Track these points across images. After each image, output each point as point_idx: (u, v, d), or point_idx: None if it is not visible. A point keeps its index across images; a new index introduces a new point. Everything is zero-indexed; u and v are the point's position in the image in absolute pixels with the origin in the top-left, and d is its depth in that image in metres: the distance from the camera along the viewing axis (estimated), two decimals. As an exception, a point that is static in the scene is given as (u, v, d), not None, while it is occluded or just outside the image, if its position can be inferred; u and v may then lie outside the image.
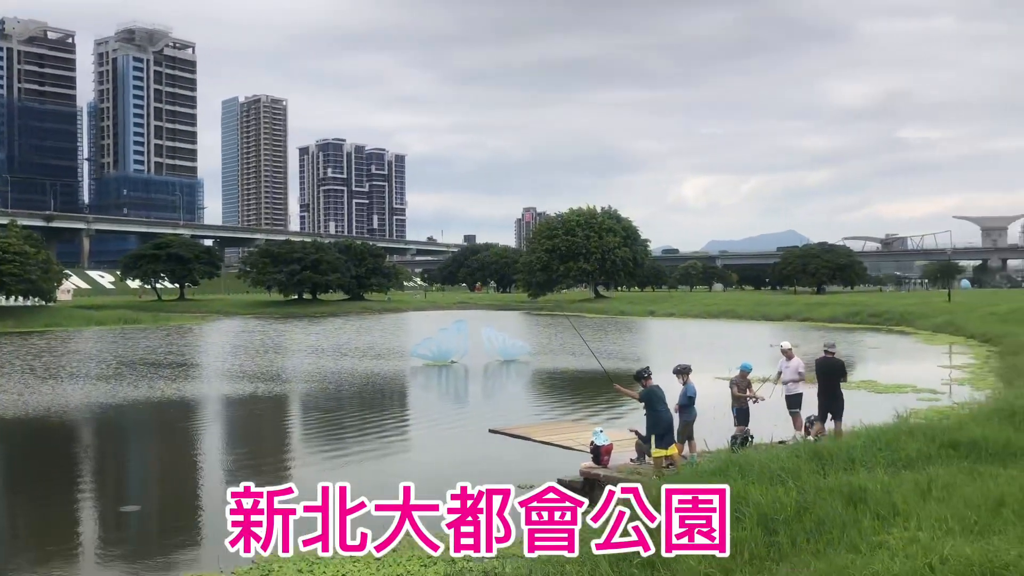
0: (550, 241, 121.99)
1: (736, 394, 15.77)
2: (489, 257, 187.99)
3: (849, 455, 11.49)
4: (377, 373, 33.02)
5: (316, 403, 25.16)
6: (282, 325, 73.83)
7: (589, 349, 21.68)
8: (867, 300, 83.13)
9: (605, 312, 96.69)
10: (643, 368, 14.12)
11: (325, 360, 38.58)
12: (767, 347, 43.81)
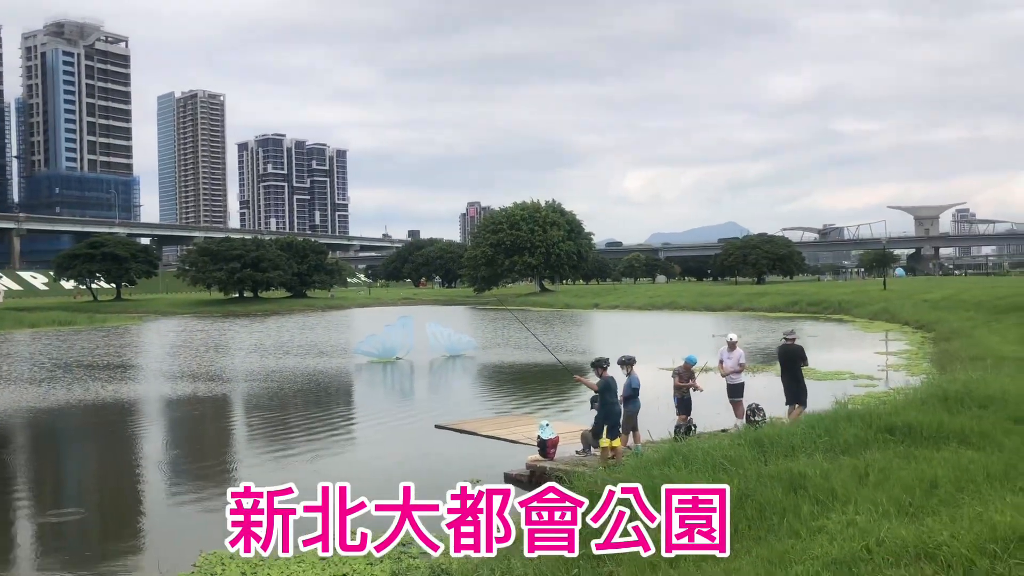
0: (495, 235, 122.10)
1: (678, 384, 15.98)
2: (434, 252, 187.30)
3: (789, 442, 11.71)
4: (321, 371, 32.66)
5: (259, 402, 24.77)
6: (223, 324, 72.50)
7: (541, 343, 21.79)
8: (806, 289, 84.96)
9: (551, 306, 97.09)
10: (602, 357, 14.22)
11: (267, 359, 38.04)
12: (709, 337, 44.51)
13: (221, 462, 16.60)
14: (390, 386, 31.12)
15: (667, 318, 69.42)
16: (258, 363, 36.26)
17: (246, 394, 26.69)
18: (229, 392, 27.27)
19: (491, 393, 26.70)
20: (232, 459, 16.92)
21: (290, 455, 16.80)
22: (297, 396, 26.44)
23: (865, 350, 36.67)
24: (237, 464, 16.34)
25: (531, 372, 31.63)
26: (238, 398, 26.32)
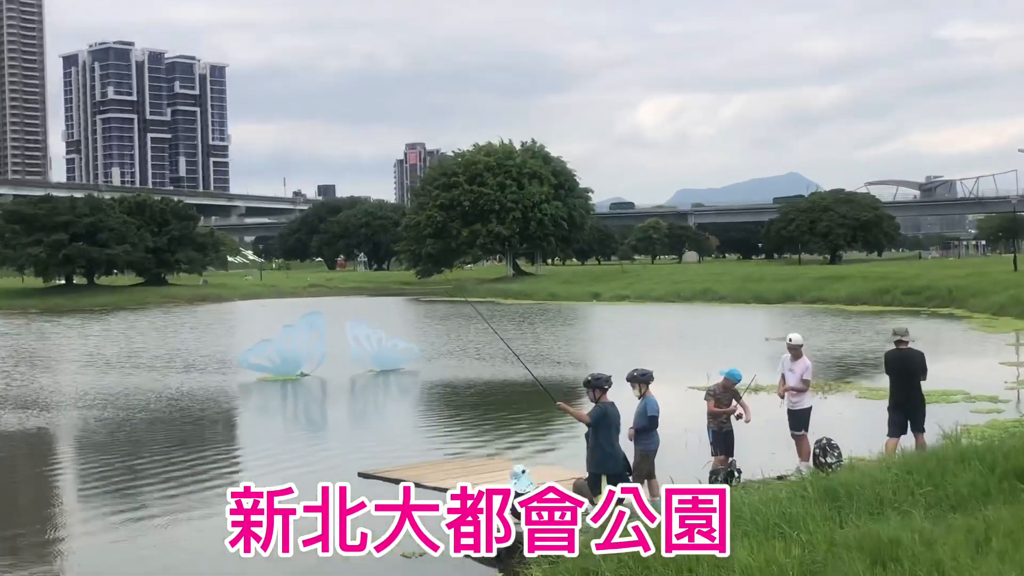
0: (447, 193, 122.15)
1: (714, 410, 16.06)
2: (356, 218, 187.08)
3: (876, 493, 11.79)
4: (189, 393, 32.48)
5: (97, 440, 24.53)
6: (42, 324, 71.79)
7: (506, 344, 21.70)
8: (901, 271, 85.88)
9: (530, 296, 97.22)
10: (600, 375, 14.22)
11: (109, 375, 37.70)
12: (761, 341, 44.82)
13: (43, 529, 16.47)
14: (292, 415, 30.88)
15: (699, 314, 69.77)
16: (95, 382, 35.84)
17: (77, 428, 26.40)
18: (51, 425, 26.97)
19: (441, 425, 26.63)
20: (50, 526, 16.78)
21: (143, 520, 16.68)
22: (153, 430, 26.12)
23: (986, 359, 37.09)
24: (56, 534, 16.20)
25: (501, 394, 31.63)
26: (65, 434, 25.98)
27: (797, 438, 16.94)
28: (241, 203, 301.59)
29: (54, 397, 32.39)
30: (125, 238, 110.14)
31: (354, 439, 24.79)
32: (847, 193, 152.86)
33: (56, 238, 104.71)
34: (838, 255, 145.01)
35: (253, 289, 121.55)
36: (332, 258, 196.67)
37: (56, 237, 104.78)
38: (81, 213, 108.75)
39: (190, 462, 21.60)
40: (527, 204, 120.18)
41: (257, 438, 25.49)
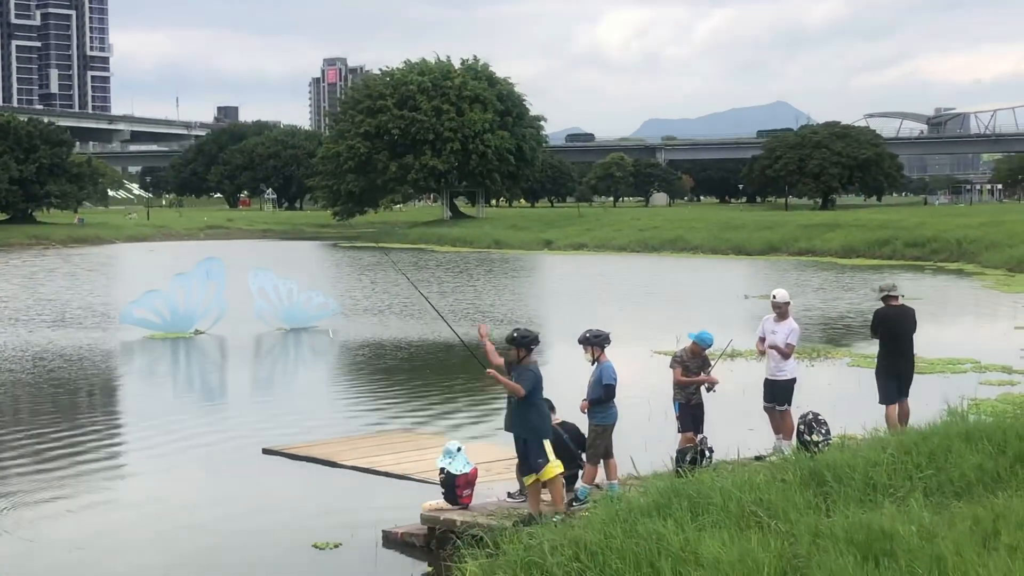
0: (372, 119, 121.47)
1: (680, 379, 16.11)
2: (263, 147, 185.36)
3: (868, 477, 11.91)
4: (61, 352, 32.17)
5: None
6: None
7: (425, 298, 21.37)
8: (903, 219, 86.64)
9: (470, 243, 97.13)
10: (529, 331, 14.16)
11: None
12: (740, 299, 45.11)
13: None
14: (184, 380, 30.71)
15: (669, 266, 70.04)
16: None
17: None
18: None
19: (360, 394, 26.63)
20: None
21: (3, 507, 16.55)
22: (16, 397, 25.87)
23: (999, 322, 37.61)
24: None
25: (431, 357, 31.68)
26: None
27: (779, 412, 17.02)
28: (124, 126, 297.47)
29: None
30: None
31: (258, 410, 24.66)
32: (843, 127, 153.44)
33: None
34: (831, 199, 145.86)
35: (139, 230, 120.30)
36: (234, 195, 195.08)
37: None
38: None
39: (61, 437, 21.40)
40: (467, 133, 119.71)
41: (142, 408, 25.31)
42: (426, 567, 13.36)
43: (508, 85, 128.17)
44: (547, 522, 12.66)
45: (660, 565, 9.62)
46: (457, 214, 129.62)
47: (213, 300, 36.63)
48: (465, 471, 14.66)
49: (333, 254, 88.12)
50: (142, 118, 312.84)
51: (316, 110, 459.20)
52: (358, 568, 13.15)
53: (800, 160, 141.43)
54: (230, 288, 37.48)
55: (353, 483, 17.38)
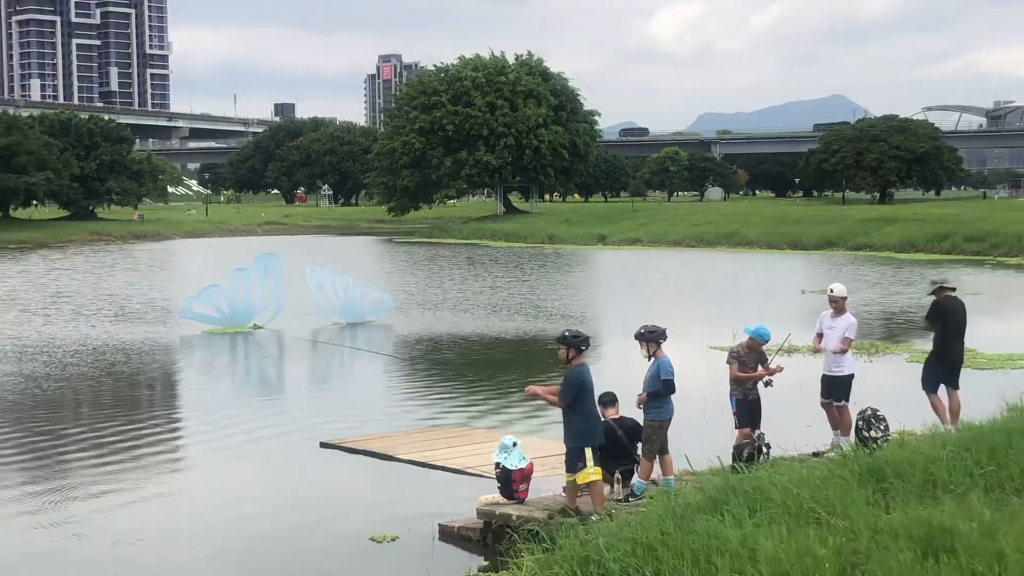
0: (427, 115, 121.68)
1: (736, 374, 16.00)
2: (319, 143, 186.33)
3: (928, 473, 11.82)
4: (122, 347, 32.49)
5: (14, 402, 24.55)
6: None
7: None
8: (962, 214, 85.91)
9: (523, 238, 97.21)
10: (579, 332, 14.12)
11: (26, 326, 37.74)
12: (797, 294, 44.90)
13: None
14: (243, 375, 30.92)
15: (724, 261, 69.76)
16: (11, 332, 35.87)
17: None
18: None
19: (416, 388, 26.70)
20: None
21: (64, 499, 16.70)
22: (79, 391, 26.10)
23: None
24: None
25: (487, 351, 31.74)
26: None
27: (837, 408, 16.91)
28: (184, 123, 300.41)
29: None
30: (46, 163, 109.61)
31: (315, 404, 24.74)
32: (901, 120, 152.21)
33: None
34: (889, 193, 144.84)
35: (198, 226, 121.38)
36: (291, 191, 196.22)
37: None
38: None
39: (122, 431, 21.60)
40: (521, 129, 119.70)
41: (202, 402, 25.49)
42: (482, 561, 13.37)
43: (562, 80, 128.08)
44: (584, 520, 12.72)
45: (717, 562, 9.57)
46: (511, 209, 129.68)
47: (271, 295, 36.85)
48: (521, 466, 14.67)
49: (388, 249, 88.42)
50: (201, 115, 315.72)
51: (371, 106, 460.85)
52: (414, 561, 13.17)
53: (857, 154, 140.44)
54: (287, 283, 37.71)
55: (409, 477, 17.44)
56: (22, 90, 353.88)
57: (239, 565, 13.66)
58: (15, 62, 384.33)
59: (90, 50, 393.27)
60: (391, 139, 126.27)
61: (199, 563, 13.82)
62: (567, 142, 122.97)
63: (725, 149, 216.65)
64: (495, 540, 13.72)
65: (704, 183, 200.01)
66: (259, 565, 13.69)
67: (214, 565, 13.73)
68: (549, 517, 13.21)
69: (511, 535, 12.94)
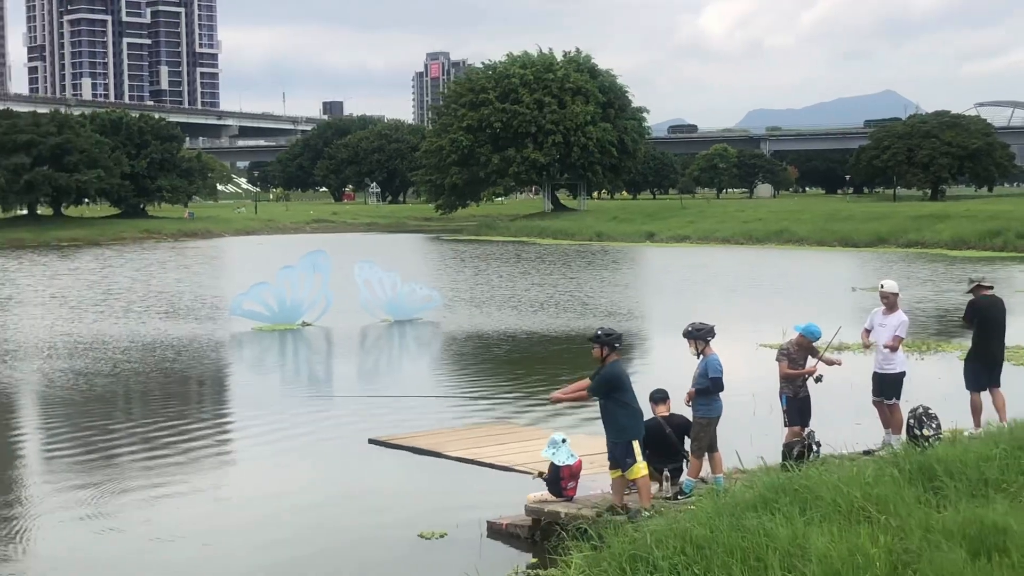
0: (475, 112, 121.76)
1: (786, 372, 15.90)
2: (367, 141, 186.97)
3: (980, 472, 11.73)
4: (172, 344, 32.73)
5: (64, 397, 24.78)
6: (2, 261, 72.33)
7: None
8: (1015, 210, 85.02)
9: (571, 235, 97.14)
10: (613, 330, 14.08)
11: (78, 323, 38.08)
12: (847, 292, 44.62)
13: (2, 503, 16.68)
14: (291, 371, 31.06)
15: (774, 258, 69.44)
16: (62, 328, 36.21)
17: (43, 382, 26.69)
18: (10, 378, 27.28)
19: (464, 386, 26.73)
20: (20, 498, 16.98)
21: (118, 493, 16.84)
22: (129, 388, 26.32)
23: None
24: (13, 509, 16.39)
25: (535, 349, 31.72)
26: (28, 390, 26.26)
27: (888, 406, 16.81)
28: (233, 122, 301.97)
29: (13, 345, 32.69)
30: (98, 162, 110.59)
31: (364, 400, 24.83)
32: (952, 116, 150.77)
33: (16, 161, 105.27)
34: (940, 190, 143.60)
35: (247, 223, 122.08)
36: (339, 188, 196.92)
37: (16, 160, 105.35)
38: (46, 132, 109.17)
39: (172, 426, 21.76)
40: (569, 126, 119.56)
41: (251, 398, 25.63)
42: (530, 558, 13.36)
43: (610, 77, 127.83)
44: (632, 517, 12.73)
45: (767, 559, 9.55)
46: (558, 207, 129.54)
47: (319, 292, 37.00)
48: (569, 463, 14.66)
49: (436, 247, 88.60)
50: (250, 113, 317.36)
51: (419, 104, 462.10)
52: (463, 558, 13.18)
53: (909, 150, 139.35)
54: (335, 280, 37.85)
55: (457, 474, 17.46)
56: (74, 89, 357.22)
57: (288, 559, 13.72)
58: (67, 61, 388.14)
59: (140, 49, 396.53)
60: (439, 137, 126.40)
61: (248, 555, 13.91)
62: (615, 139, 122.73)
63: (775, 146, 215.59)
64: (543, 537, 13.73)
65: (753, 180, 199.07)
66: (307, 559, 13.75)
67: (263, 557, 13.80)
68: (597, 515, 13.23)
69: (559, 532, 12.95)
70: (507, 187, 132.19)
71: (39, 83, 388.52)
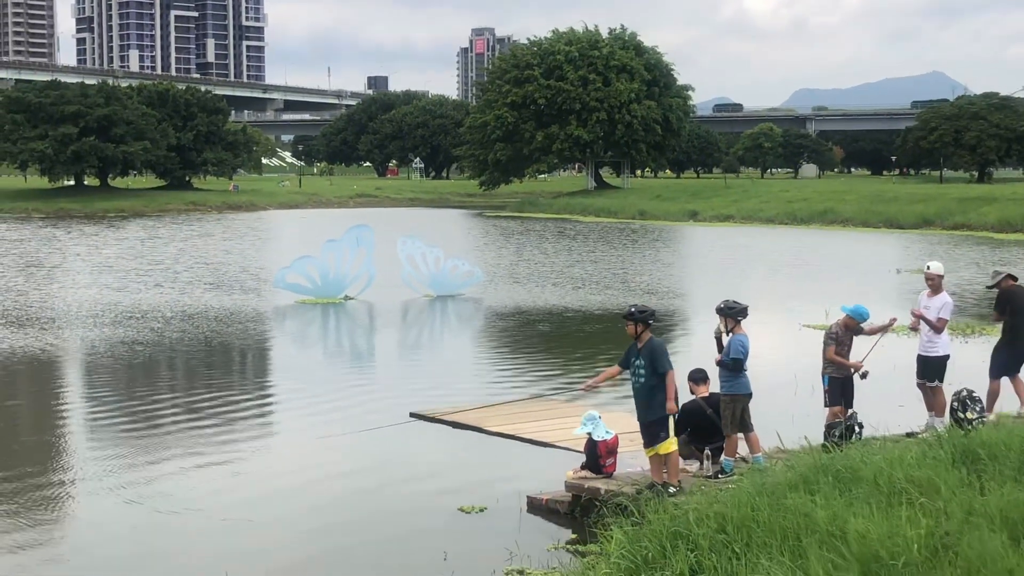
0: (519, 89, 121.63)
1: (833, 357, 15.79)
2: (412, 116, 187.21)
3: (1023, 454, 11.66)
4: (216, 316, 32.94)
5: (108, 367, 24.99)
6: (50, 231, 72.96)
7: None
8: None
9: (613, 213, 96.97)
10: (646, 307, 14.08)
11: (122, 293, 38.34)
12: (892, 273, 44.35)
13: (29, 474, 16.80)
14: (334, 345, 31.22)
15: (819, 239, 69.10)
16: (108, 299, 36.49)
17: (88, 352, 26.92)
18: (57, 348, 27.52)
19: (505, 362, 26.79)
20: (67, 468, 17.13)
21: (161, 464, 16.97)
22: (172, 358, 26.54)
23: None
24: (65, 477, 16.53)
25: (577, 326, 31.75)
26: (72, 359, 26.51)
27: (931, 389, 16.74)
28: (278, 95, 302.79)
29: (59, 314, 33.00)
30: (144, 133, 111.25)
31: (405, 375, 24.98)
32: (1001, 98, 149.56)
33: (64, 131, 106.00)
34: (988, 172, 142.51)
35: (291, 197, 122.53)
36: (383, 163, 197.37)
37: (64, 130, 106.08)
38: (93, 103, 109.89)
39: (215, 398, 21.91)
40: (614, 103, 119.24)
41: (293, 370, 25.78)
42: (570, 534, 13.41)
43: (656, 54, 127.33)
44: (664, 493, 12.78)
45: (807, 540, 9.54)
46: (602, 184, 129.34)
47: (362, 266, 37.10)
48: (606, 438, 14.69)
49: (479, 223, 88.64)
50: (295, 87, 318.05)
51: (464, 80, 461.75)
52: (503, 533, 13.24)
53: (956, 132, 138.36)
54: (378, 255, 37.95)
55: (498, 449, 17.53)
56: (121, 61, 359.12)
57: (326, 528, 13.82)
58: (115, 33, 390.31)
59: (187, 22, 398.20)
60: (483, 113, 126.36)
61: (287, 525, 14.00)
62: (660, 117, 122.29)
63: (820, 126, 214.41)
64: (583, 514, 13.77)
65: (798, 160, 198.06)
66: (346, 529, 13.85)
67: (302, 527, 13.89)
68: (637, 492, 13.26)
69: (599, 509, 12.98)
70: (551, 164, 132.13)
71: (87, 55, 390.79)
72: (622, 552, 10.45)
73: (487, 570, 11.93)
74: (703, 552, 9.78)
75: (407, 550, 13.11)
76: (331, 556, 12.92)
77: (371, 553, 13.09)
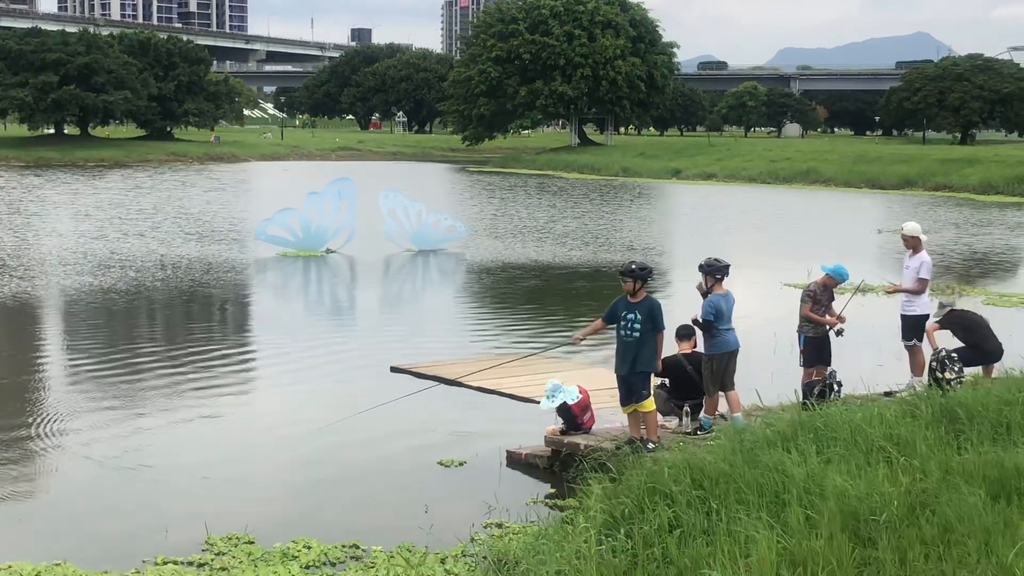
0: (504, 43, 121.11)
1: (807, 314, 15.77)
2: (395, 70, 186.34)
3: (1002, 416, 11.71)
4: (196, 267, 32.87)
5: (85, 317, 24.96)
6: (30, 179, 72.57)
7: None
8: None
9: (597, 170, 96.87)
10: (644, 263, 14.04)
11: (100, 241, 38.24)
12: (873, 233, 44.43)
13: (17, 425, 16.79)
14: (315, 298, 31.17)
15: (801, 198, 69.18)
16: (85, 249, 36.39)
17: (65, 301, 26.88)
18: (34, 296, 27.46)
19: (486, 317, 26.84)
20: (37, 421, 17.10)
21: (137, 417, 16.96)
22: (151, 308, 26.54)
23: None
24: (39, 430, 16.50)
25: (558, 281, 31.76)
26: (49, 308, 26.47)
27: (909, 349, 16.77)
28: (261, 47, 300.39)
29: (36, 262, 32.89)
30: (125, 83, 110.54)
31: (386, 329, 24.94)
32: (985, 59, 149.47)
33: (44, 79, 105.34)
34: (971, 134, 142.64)
35: (273, 149, 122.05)
36: (365, 117, 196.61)
37: (44, 78, 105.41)
38: (74, 51, 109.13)
39: (193, 350, 21.85)
40: (598, 60, 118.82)
41: (274, 323, 25.75)
42: (549, 488, 13.44)
43: (641, 11, 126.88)
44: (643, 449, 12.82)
45: (785, 496, 9.57)
46: (585, 141, 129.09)
47: (344, 220, 37.04)
48: (575, 400, 14.58)
49: (462, 178, 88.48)
50: (278, 38, 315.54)
51: (448, 34, 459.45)
52: (482, 486, 13.26)
53: (940, 93, 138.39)
54: (360, 209, 37.87)
55: (478, 403, 17.53)
56: (102, 9, 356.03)
57: (307, 482, 13.82)
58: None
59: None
60: (467, 67, 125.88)
61: (268, 477, 14.01)
62: (644, 74, 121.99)
63: (804, 85, 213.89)
64: (562, 468, 13.80)
65: (782, 119, 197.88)
66: (326, 483, 13.84)
67: (283, 480, 13.90)
68: (616, 448, 13.30)
69: (578, 464, 13.01)
70: (534, 120, 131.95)
71: (68, 2, 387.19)
72: (600, 507, 10.47)
73: (466, 523, 11.94)
74: (680, 507, 9.79)
75: (387, 503, 13.13)
76: (310, 510, 12.92)
77: (351, 507, 13.09)
